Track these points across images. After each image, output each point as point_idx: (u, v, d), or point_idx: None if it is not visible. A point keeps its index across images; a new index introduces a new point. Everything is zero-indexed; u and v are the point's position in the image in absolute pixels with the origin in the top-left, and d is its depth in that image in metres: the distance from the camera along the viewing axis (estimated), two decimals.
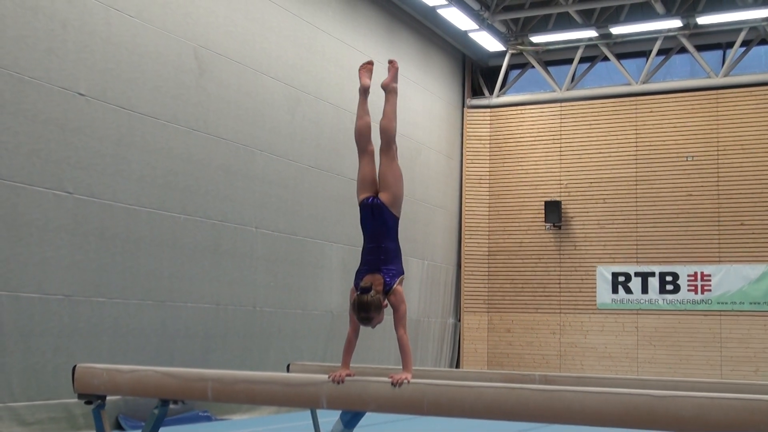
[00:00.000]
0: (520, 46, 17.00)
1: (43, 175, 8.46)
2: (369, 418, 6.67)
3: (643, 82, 16.35)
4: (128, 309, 9.40)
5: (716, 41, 16.17)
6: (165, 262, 9.93)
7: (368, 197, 4.94)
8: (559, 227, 16.59)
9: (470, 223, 17.33)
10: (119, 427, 9.09)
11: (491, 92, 17.64)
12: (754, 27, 15.51)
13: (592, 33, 16.29)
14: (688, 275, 15.65)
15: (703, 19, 15.44)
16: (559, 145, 16.86)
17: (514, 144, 17.26)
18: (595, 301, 16.30)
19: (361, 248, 4.95)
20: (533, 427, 8.78)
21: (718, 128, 15.71)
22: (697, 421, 3.77)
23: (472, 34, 16.34)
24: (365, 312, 4.57)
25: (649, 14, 15.86)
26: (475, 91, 17.85)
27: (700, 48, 16.09)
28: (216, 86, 10.82)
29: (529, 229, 16.91)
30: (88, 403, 5.41)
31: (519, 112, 17.34)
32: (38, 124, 8.43)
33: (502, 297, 17.02)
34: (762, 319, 15.10)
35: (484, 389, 4.30)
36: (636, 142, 16.29)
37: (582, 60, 16.94)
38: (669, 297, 15.77)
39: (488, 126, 17.51)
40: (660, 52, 16.29)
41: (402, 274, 4.82)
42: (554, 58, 17.31)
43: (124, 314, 9.35)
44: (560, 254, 16.61)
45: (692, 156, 15.82)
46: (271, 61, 11.82)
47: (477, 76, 17.91)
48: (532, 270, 16.80)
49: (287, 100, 12.16)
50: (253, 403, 7.93)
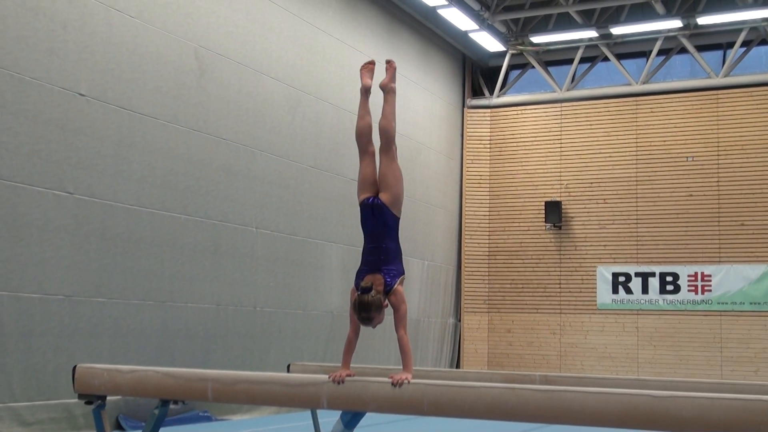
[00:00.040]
0: (521, 47, 17.00)
1: (44, 176, 8.46)
2: (369, 418, 6.67)
3: (644, 83, 16.35)
4: (129, 309, 9.41)
5: (716, 41, 16.17)
6: (165, 263, 9.93)
7: (369, 197, 4.94)
8: (560, 227, 16.59)
9: (470, 224, 17.33)
10: (119, 428, 9.09)
11: (491, 92, 17.64)
12: (754, 27, 15.51)
13: (593, 33, 16.29)
14: (689, 275, 15.65)
15: (703, 20, 15.44)
16: (559, 146, 16.86)
17: (515, 144, 17.26)
18: (596, 301, 16.30)
19: (361, 248, 4.95)
20: (533, 428, 8.78)
21: (718, 128, 15.71)
22: (697, 421, 3.77)
23: (472, 35, 16.35)
24: (366, 312, 4.57)
25: (650, 14, 15.87)
26: (476, 92, 17.86)
27: (700, 48, 16.09)
28: (216, 86, 10.83)
29: (529, 230, 16.91)
30: (89, 403, 5.42)
31: (519, 112, 17.34)
32: (39, 125, 8.43)
33: (503, 297, 17.02)
34: (762, 320, 15.09)
35: (485, 389, 4.30)
36: (636, 143, 16.29)
37: (582, 60, 16.95)
38: (669, 297, 15.77)
39: (488, 126, 17.51)
40: (660, 53, 16.30)
41: (402, 274, 4.82)
42: (554, 59, 17.31)
43: (125, 314, 9.36)
44: (560, 254, 16.61)
45: (692, 157, 15.82)
46: (271, 62, 11.82)
47: (477, 76, 17.91)
48: (532, 270, 16.80)
49: (287, 101, 12.16)
50: (254, 403, 7.92)
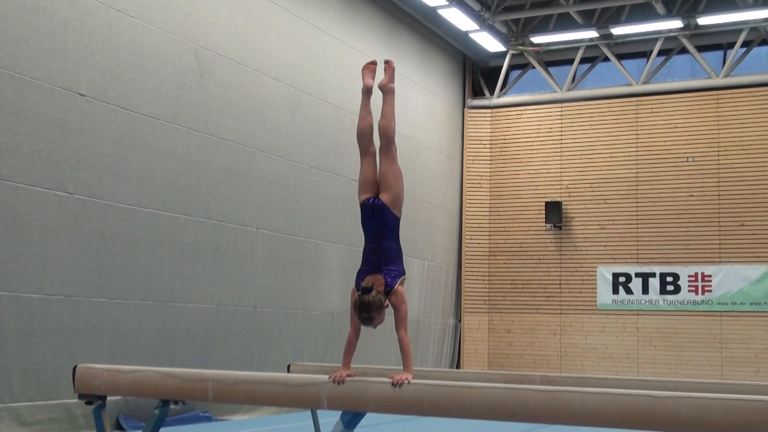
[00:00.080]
0: (521, 47, 17.00)
1: (44, 176, 8.46)
2: (369, 418, 6.67)
3: (644, 83, 16.35)
4: (129, 309, 9.41)
5: (717, 42, 16.17)
6: (165, 263, 9.93)
7: (369, 198, 4.94)
8: (560, 228, 16.59)
9: (471, 224, 17.33)
10: (120, 428, 9.09)
11: (492, 93, 17.64)
12: (754, 27, 15.51)
13: (593, 33, 16.29)
14: (689, 276, 15.64)
15: (703, 20, 15.44)
16: (559, 146, 16.86)
17: (515, 144, 17.26)
18: (596, 301, 16.29)
19: (361, 249, 4.95)
20: (534, 428, 8.78)
21: (718, 129, 15.71)
22: (697, 421, 3.77)
23: (472, 35, 16.35)
24: (366, 312, 4.57)
25: (650, 15, 15.86)
26: (476, 92, 17.85)
27: (700, 48, 16.09)
28: (216, 87, 10.83)
29: (529, 230, 16.91)
30: (89, 403, 5.42)
31: (519, 112, 17.34)
32: (39, 125, 8.43)
33: (503, 297, 17.01)
34: (763, 320, 15.09)
35: (485, 390, 4.30)
36: (637, 143, 16.29)
37: (583, 60, 16.95)
38: (669, 297, 15.77)
39: (489, 126, 17.50)
40: (661, 53, 16.29)
41: (403, 274, 4.82)
42: (555, 59, 17.31)
43: (125, 314, 9.36)
44: (561, 255, 16.61)
45: (693, 157, 15.82)
46: (271, 62, 11.82)
47: (477, 76, 17.91)
48: (532, 270, 16.80)
49: (288, 101, 12.16)
50: (254, 403, 7.91)
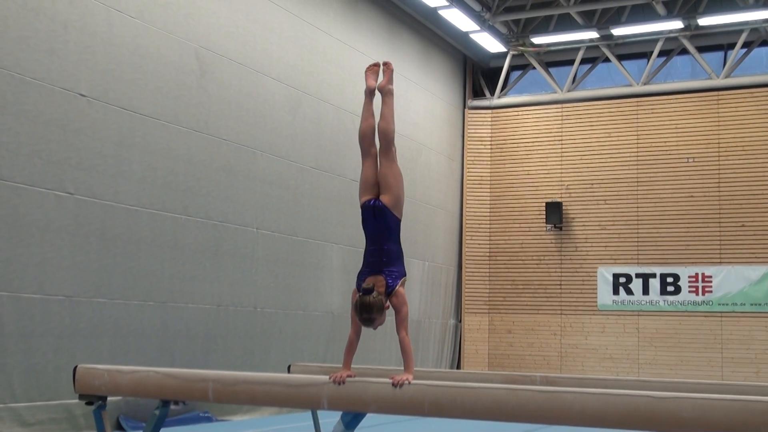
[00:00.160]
0: (522, 47, 17.00)
1: (45, 176, 8.46)
2: (370, 419, 6.67)
3: (645, 84, 16.35)
4: (129, 310, 9.41)
5: (717, 42, 16.17)
6: (166, 263, 9.93)
7: (370, 199, 4.94)
8: (560, 228, 16.59)
9: (471, 224, 17.33)
10: (120, 428, 9.09)
11: (492, 93, 17.64)
12: (755, 28, 15.51)
13: (594, 34, 16.29)
14: (689, 276, 15.64)
15: (704, 21, 15.44)
16: (560, 146, 16.86)
17: (515, 145, 17.26)
18: (596, 302, 16.29)
19: (361, 249, 4.95)
20: (534, 428, 8.77)
21: (719, 129, 15.71)
22: (697, 422, 3.77)
23: (473, 35, 16.35)
24: (367, 313, 4.58)
25: (651, 15, 15.86)
26: (476, 92, 17.86)
27: (701, 49, 16.09)
28: (217, 87, 10.83)
29: (530, 230, 16.91)
30: (89, 403, 5.42)
31: (520, 113, 17.34)
32: (39, 125, 8.43)
33: (503, 298, 17.01)
34: (763, 321, 15.09)
35: (485, 390, 4.30)
36: (637, 144, 16.29)
37: (583, 61, 16.95)
38: (670, 298, 15.76)
39: (489, 127, 17.51)
40: (661, 54, 16.30)
41: (404, 275, 4.82)
42: (555, 59, 17.32)
43: (125, 315, 9.36)
44: (561, 255, 16.61)
45: (693, 158, 15.82)
46: (272, 62, 11.82)
47: (478, 77, 17.91)
48: (533, 271, 16.80)
49: (288, 101, 12.16)
50: (254, 403, 7.92)
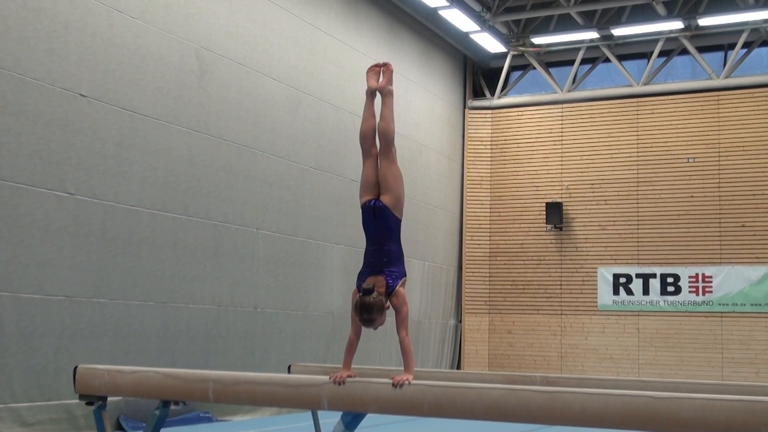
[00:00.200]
0: (522, 48, 17.01)
1: (45, 176, 8.46)
2: (370, 419, 6.67)
3: (645, 84, 16.35)
4: (129, 310, 9.41)
5: (717, 43, 16.18)
6: (166, 263, 9.93)
7: (370, 200, 4.94)
8: (560, 228, 16.59)
9: (471, 225, 17.33)
10: (120, 428, 9.09)
11: (492, 93, 17.64)
12: (755, 28, 15.51)
13: (594, 34, 16.29)
14: (690, 277, 15.64)
15: (704, 21, 15.44)
16: (560, 147, 16.86)
17: (516, 145, 17.26)
18: (596, 302, 16.29)
19: (362, 249, 4.96)
20: (534, 429, 8.77)
21: (719, 130, 15.71)
22: (698, 422, 3.77)
23: (473, 36, 16.35)
24: (367, 313, 4.58)
25: (651, 16, 15.86)
26: (477, 93, 17.86)
27: (701, 49, 16.09)
28: (217, 87, 10.83)
29: (530, 231, 16.91)
30: (90, 404, 5.41)
31: (520, 113, 17.34)
32: (40, 125, 8.44)
33: (503, 298, 17.01)
34: (763, 321, 15.08)
35: (485, 390, 4.30)
36: (637, 144, 16.29)
37: (583, 61, 16.95)
38: (670, 298, 15.76)
39: (489, 127, 17.51)
40: (661, 54, 16.30)
41: (404, 276, 4.83)
42: (555, 60, 17.32)
43: (126, 315, 9.36)
44: (561, 255, 16.61)
45: (693, 158, 15.82)
46: (272, 62, 11.83)
47: (478, 77, 17.91)
48: (533, 271, 16.80)
49: (288, 101, 12.17)
50: (254, 404, 7.93)
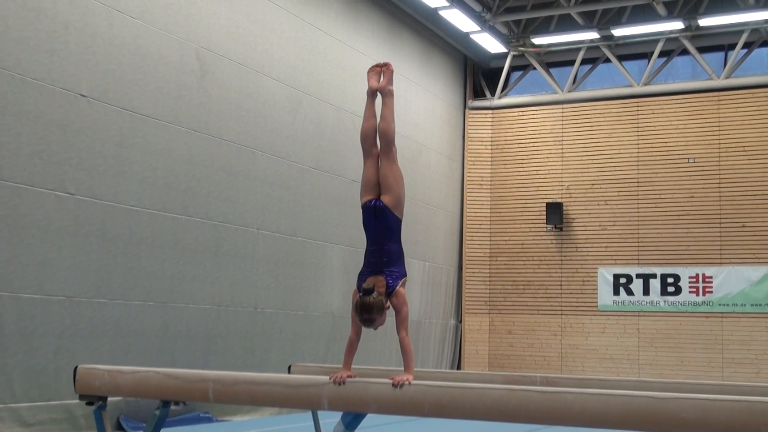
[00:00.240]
0: (522, 48, 17.00)
1: (45, 176, 8.46)
2: (370, 419, 6.66)
3: (645, 84, 16.35)
4: (129, 310, 9.41)
5: (718, 43, 16.17)
6: (166, 263, 9.93)
7: (371, 200, 4.94)
8: (561, 229, 16.58)
9: (471, 225, 17.33)
10: (120, 428, 9.09)
11: (493, 94, 17.64)
12: (755, 29, 15.51)
13: (594, 35, 16.29)
14: (690, 277, 15.64)
15: (704, 21, 15.44)
16: (560, 147, 16.86)
17: (516, 145, 17.26)
18: (597, 302, 16.29)
19: (362, 249, 4.96)
20: (534, 429, 8.77)
21: (719, 130, 15.71)
22: (698, 423, 3.77)
23: (473, 36, 16.35)
24: (367, 313, 4.58)
25: (651, 16, 15.86)
26: (477, 93, 17.85)
27: (701, 50, 16.09)
28: (217, 87, 10.83)
29: (530, 231, 16.91)
30: (90, 404, 5.41)
31: (520, 113, 17.34)
32: (40, 126, 8.44)
33: (504, 298, 17.01)
34: (764, 321, 15.08)
35: (485, 391, 4.30)
36: (638, 144, 16.29)
37: (584, 62, 16.94)
38: (670, 299, 15.76)
39: (490, 127, 17.50)
40: (662, 54, 16.30)
41: (405, 276, 4.83)
42: (556, 60, 17.31)
43: (126, 315, 9.36)
44: (561, 256, 16.60)
45: (694, 158, 15.82)
46: (272, 63, 11.83)
47: (478, 77, 17.91)
48: (533, 271, 16.80)
49: (289, 102, 12.17)
50: (254, 404, 7.92)
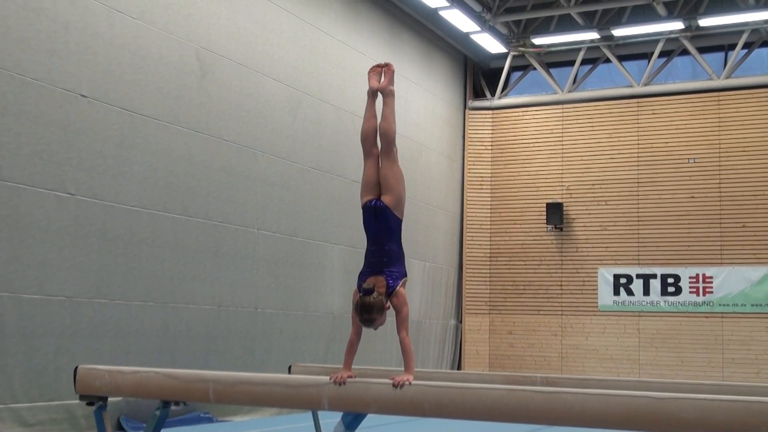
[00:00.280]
0: (522, 48, 17.00)
1: (45, 177, 8.47)
2: (370, 419, 6.66)
3: (645, 84, 16.35)
4: (130, 310, 9.41)
5: (718, 43, 16.17)
6: (166, 264, 9.93)
7: (371, 200, 4.94)
8: (561, 229, 16.58)
9: (472, 225, 17.33)
10: (121, 429, 9.09)
11: (493, 94, 17.64)
12: (756, 29, 15.51)
13: (594, 35, 16.29)
14: (690, 277, 15.64)
15: (704, 21, 15.44)
16: (560, 147, 16.86)
17: (516, 146, 17.26)
18: (597, 302, 16.29)
19: (362, 249, 4.96)
20: (534, 429, 8.77)
21: (720, 130, 15.71)
22: (698, 423, 3.77)
23: (473, 36, 16.36)
24: (368, 314, 4.58)
25: (651, 16, 15.86)
26: (477, 93, 17.86)
27: (701, 50, 16.09)
28: (218, 88, 10.83)
29: (530, 231, 16.91)
30: (90, 404, 5.42)
31: (521, 113, 17.34)
32: (40, 126, 8.44)
33: (504, 299, 17.01)
34: (764, 321, 15.08)
35: (486, 391, 4.30)
36: (638, 144, 16.29)
37: (584, 62, 16.94)
38: (671, 299, 15.76)
39: (490, 128, 17.51)
40: (662, 54, 16.30)
41: (405, 276, 4.83)
42: (556, 60, 17.31)
43: (126, 315, 9.36)
44: (562, 256, 16.60)
45: (694, 159, 15.82)
46: (272, 63, 11.83)
47: (479, 77, 17.91)
48: (533, 272, 16.80)
49: (289, 102, 12.17)
50: (255, 404, 7.91)
